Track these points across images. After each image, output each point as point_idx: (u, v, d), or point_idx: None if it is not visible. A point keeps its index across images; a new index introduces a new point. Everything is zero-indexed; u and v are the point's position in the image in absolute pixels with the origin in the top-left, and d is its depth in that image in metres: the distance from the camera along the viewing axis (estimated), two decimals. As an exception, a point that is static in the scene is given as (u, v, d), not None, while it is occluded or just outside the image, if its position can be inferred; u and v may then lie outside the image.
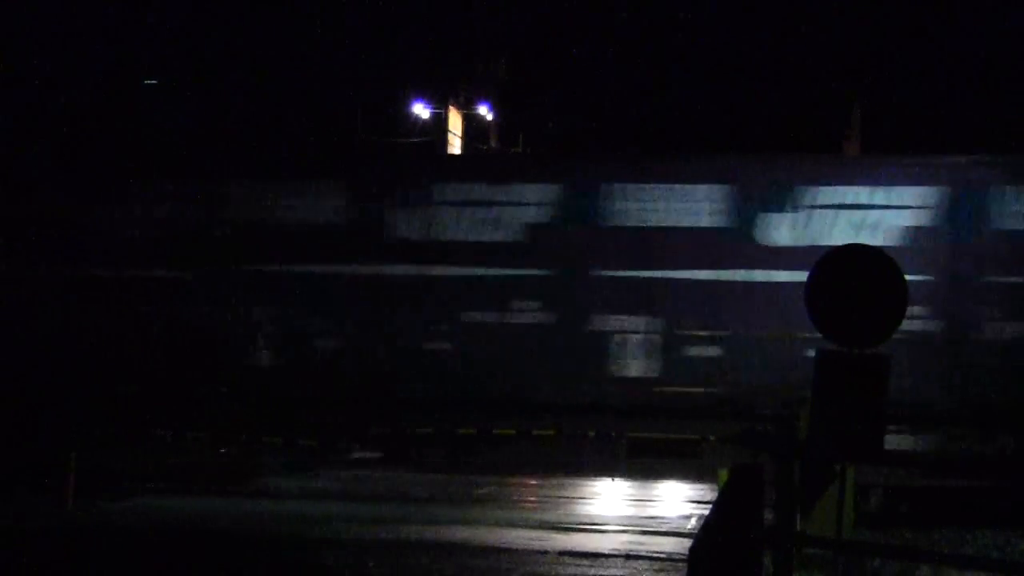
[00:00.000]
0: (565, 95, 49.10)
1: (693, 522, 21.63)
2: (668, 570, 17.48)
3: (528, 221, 26.31)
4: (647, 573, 17.38)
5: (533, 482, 27.03)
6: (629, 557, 18.40)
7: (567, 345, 26.03)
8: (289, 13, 46.59)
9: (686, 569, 10.33)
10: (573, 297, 26.17)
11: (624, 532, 20.91)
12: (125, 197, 27.48)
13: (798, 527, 14.80)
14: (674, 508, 24.19)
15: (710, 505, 13.44)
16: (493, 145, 51.90)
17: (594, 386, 25.78)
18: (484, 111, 51.79)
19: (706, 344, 25.78)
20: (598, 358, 25.92)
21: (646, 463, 26.34)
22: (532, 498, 25.27)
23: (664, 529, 21.28)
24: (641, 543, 19.68)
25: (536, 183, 26.50)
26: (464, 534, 20.01)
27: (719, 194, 25.92)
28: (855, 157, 26.84)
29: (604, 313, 25.97)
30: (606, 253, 26.11)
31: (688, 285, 25.81)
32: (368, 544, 18.95)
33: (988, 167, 25.60)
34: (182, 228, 27.19)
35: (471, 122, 51.67)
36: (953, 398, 24.89)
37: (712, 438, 25.29)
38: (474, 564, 17.49)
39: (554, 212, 26.26)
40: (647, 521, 22.26)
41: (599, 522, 21.99)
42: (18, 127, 41.11)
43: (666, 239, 25.95)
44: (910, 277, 12.77)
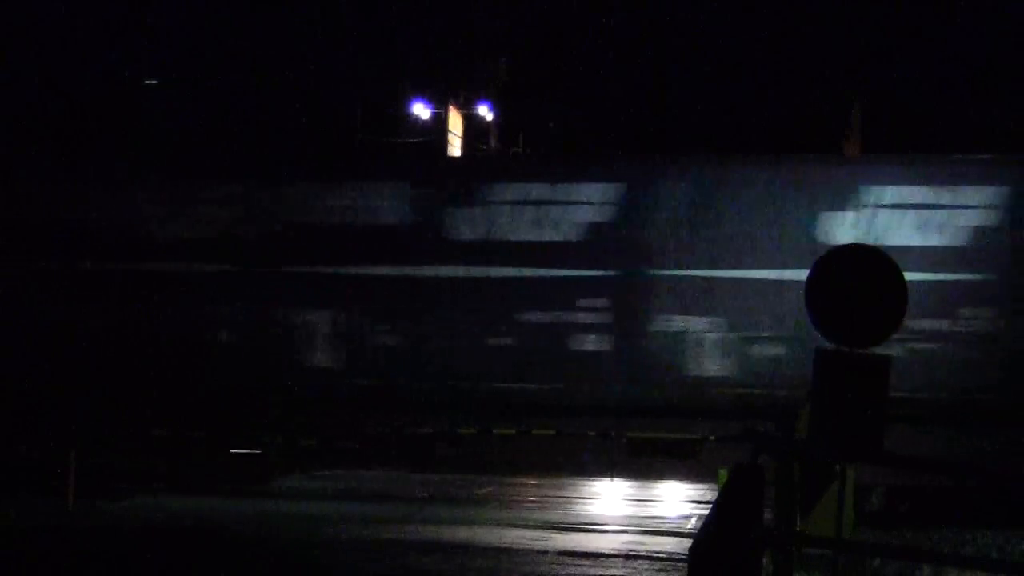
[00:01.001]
0: (565, 95, 49.07)
1: (693, 522, 21.65)
2: (668, 570, 17.48)
3: (588, 221, 26.15)
4: (647, 573, 17.39)
5: (533, 482, 27.06)
6: (629, 557, 18.41)
7: (630, 345, 25.83)
8: (289, 13, 46.60)
9: (686, 569, 10.33)
10: (635, 297, 25.99)
11: (624, 532, 20.93)
12: (169, 196, 27.27)
13: (798, 527, 14.79)
14: (674, 508, 24.22)
15: (710, 505, 13.41)
16: (493, 145, 51.88)
17: (656, 387, 25.57)
18: (484, 111, 51.76)
19: (768, 344, 25.61)
20: (660, 359, 25.75)
21: (646, 463, 26.36)
22: (532, 498, 25.29)
23: (664, 529, 21.31)
24: (641, 543, 19.70)
25: (597, 182, 26.35)
26: (464, 534, 20.02)
27: (780, 194, 25.76)
28: (917, 156, 26.49)
29: (666, 313, 25.81)
30: (665, 253, 25.94)
31: (751, 284, 25.65)
32: (368, 544, 18.96)
33: None
34: (230, 229, 26.97)
35: (471, 122, 51.64)
36: (1014, 398, 24.68)
37: (712, 438, 25.30)
38: (474, 564, 17.50)
39: (615, 212, 26.10)
40: (647, 521, 22.29)
41: (599, 522, 22.00)
42: (18, 127, 41.11)
43: (728, 240, 25.82)
44: (972, 277, 12.69)
